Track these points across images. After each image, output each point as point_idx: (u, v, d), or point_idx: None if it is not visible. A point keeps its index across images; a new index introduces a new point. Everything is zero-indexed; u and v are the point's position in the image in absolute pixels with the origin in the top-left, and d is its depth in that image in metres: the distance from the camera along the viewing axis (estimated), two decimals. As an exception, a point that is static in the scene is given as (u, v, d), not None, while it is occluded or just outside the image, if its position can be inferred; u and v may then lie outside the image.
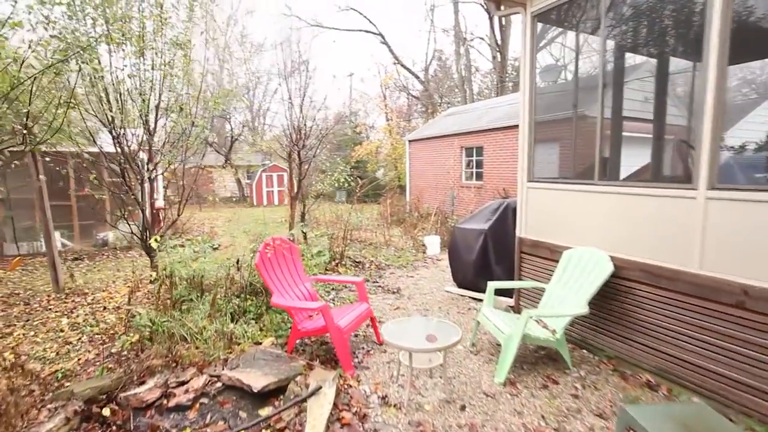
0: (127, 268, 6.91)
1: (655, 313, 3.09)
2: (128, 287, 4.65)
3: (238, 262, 4.14)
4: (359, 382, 3.07)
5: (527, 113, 4.17)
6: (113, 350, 3.54)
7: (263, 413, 2.61)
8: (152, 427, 2.51)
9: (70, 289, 5.50)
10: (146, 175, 4.70)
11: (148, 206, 4.93)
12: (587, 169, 3.75)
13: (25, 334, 4.01)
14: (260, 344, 3.58)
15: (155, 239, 4.46)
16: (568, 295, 3.48)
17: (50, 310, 4.74)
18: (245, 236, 5.97)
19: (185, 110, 4.93)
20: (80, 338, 3.89)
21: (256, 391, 2.71)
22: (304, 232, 7.71)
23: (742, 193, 2.58)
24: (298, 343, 3.65)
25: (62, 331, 4.08)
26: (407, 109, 26.72)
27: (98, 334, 3.96)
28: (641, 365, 3.19)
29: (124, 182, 4.63)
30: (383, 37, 25.08)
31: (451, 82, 26.38)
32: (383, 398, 2.85)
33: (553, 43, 4.78)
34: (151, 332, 3.48)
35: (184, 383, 2.93)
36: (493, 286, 3.78)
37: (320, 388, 2.70)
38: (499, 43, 22.62)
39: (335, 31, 28.02)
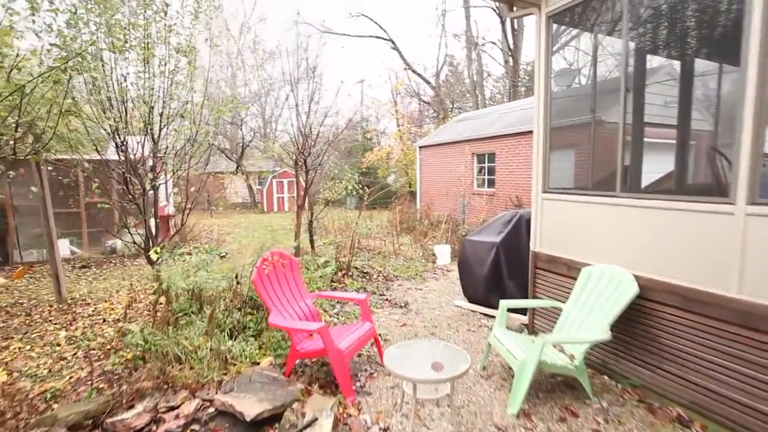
0: (133, 276, 6.85)
1: (686, 339, 2.80)
2: (127, 300, 4.53)
3: (237, 276, 3.97)
4: (360, 410, 2.85)
5: (542, 118, 3.92)
6: (106, 368, 3.40)
7: (255, 445, 2.42)
8: (136, 458, 2.34)
9: (72, 299, 5.44)
10: (147, 184, 4.58)
11: (152, 215, 4.83)
12: (608, 179, 3.48)
13: (21, 348, 3.92)
14: (258, 364, 3.40)
15: (155, 251, 4.33)
16: (587, 317, 3.21)
17: (50, 321, 4.65)
18: (252, 245, 5.84)
19: (189, 118, 4.83)
20: (75, 353, 3.77)
21: (249, 419, 2.53)
22: (311, 240, 7.55)
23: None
24: (297, 363, 3.45)
25: (59, 345, 3.97)
26: (418, 114, 26.53)
27: (94, 349, 3.84)
28: (670, 396, 2.89)
29: (126, 191, 4.54)
30: (394, 42, 24.98)
31: (462, 87, 26.14)
32: (385, 430, 2.63)
33: (567, 46, 4.54)
34: (143, 351, 3.33)
35: (174, 408, 2.78)
36: (505, 305, 3.52)
37: (316, 419, 2.49)
38: (511, 47, 22.27)
39: (346, 37, 28.10)
